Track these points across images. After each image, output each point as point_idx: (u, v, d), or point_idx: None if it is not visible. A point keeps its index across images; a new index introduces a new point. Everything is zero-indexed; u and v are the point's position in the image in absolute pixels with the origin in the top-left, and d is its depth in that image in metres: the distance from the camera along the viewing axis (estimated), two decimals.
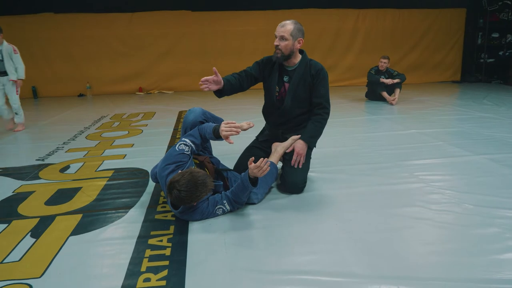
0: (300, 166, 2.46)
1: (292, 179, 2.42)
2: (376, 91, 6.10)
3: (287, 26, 2.39)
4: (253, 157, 2.06)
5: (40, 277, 1.61)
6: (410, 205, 2.26)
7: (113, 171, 2.97)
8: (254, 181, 2.07)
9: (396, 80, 5.99)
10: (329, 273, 1.60)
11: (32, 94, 7.82)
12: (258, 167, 2.00)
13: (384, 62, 6.07)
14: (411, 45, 8.84)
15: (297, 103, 2.53)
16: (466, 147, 3.42)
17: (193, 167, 2.14)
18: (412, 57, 8.89)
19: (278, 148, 2.57)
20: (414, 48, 8.88)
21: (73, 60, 7.87)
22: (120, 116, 5.50)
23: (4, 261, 1.74)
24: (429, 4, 8.68)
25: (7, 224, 2.10)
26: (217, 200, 2.11)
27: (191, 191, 1.86)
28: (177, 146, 2.16)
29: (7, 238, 1.95)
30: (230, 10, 8.09)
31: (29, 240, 1.92)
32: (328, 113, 2.55)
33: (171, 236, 1.93)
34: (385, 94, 5.99)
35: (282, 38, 2.38)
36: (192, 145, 2.16)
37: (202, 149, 2.41)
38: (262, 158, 2.02)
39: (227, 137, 2.13)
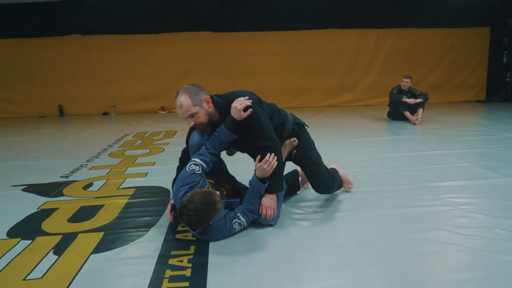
0: (270, 219, 2.20)
1: (317, 186, 2.50)
2: (398, 111, 6.02)
3: (183, 102, 2.12)
4: (259, 156, 2.11)
5: None
6: (437, 229, 2.17)
7: (134, 189, 3.00)
8: (263, 181, 2.15)
9: (419, 100, 5.90)
10: None
11: (58, 113, 8.11)
12: (267, 161, 2.07)
13: (407, 82, 6.00)
14: (433, 65, 8.75)
15: (246, 145, 2.34)
16: (494, 169, 3.29)
17: (207, 186, 2.14)
18: (434, 77, 8.77)
19: (286, 142, 2.43)
20: (436, 68, 8.77)
21: (98, 79, 8.15)
22: (143, 134, 5.60)
23: (27, 278, 1.76)
24: (451, 23, 8.60)
25: (31, 241, 2.13)
26: (232, 216, 2.12)
27: (200, 214, 1.86)
28: (187, 167, 2.14)
29: (31, 255, 1.97)
30: (251, 31, 8.23)
31: (52, 258, 1.94)
32: (276, 143, 2.16)
33: (191, 256, 1.91)
34: (407, 114, 5.90)
35: (191, 116, 2.14)
36: (203, 164, 2.14)
37: (217, 168, 2.38)
38: (269, 154, 2.09)
39: (243, 112, 2.09)
